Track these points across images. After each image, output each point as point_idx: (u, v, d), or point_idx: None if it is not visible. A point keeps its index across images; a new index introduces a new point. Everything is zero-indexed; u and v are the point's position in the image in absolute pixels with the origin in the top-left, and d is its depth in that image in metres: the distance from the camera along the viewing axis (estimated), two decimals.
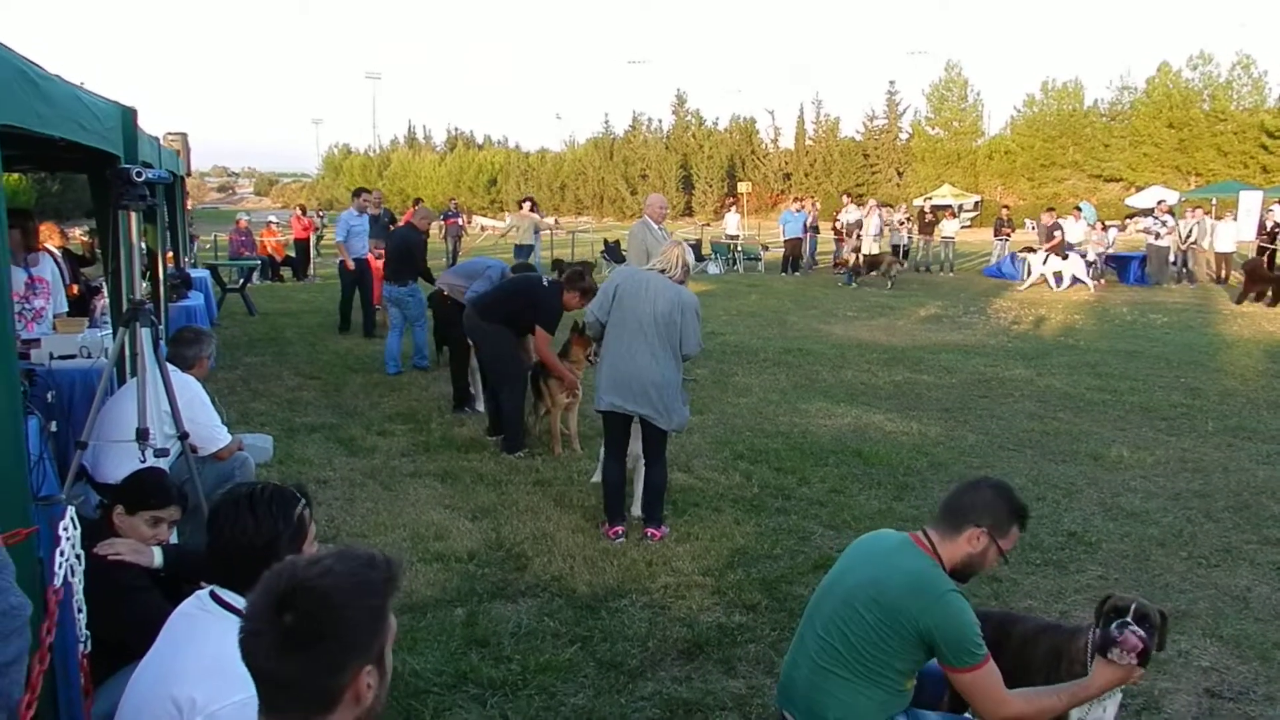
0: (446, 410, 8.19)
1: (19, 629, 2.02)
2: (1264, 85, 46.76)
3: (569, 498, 5.99)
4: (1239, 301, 17.00)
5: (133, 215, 3.66)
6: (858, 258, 21.09)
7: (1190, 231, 20.41)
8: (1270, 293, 16.95)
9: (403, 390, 9.08)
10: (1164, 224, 20.43)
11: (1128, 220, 37.57)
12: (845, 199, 25.39)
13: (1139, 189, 43.21)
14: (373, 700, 1.47)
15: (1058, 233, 20.84)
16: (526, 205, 18.98)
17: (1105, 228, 22.77)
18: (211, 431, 4.53)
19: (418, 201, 14.12)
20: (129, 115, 5.24)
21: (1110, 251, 21.57)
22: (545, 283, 7.04)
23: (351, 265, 12.26)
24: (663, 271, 5.25)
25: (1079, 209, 23.69)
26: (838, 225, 24.79)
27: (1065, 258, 19.99)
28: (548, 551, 5.07)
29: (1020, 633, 2.97)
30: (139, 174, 3.52)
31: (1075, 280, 19.49)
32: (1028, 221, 32.20)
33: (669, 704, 3.60)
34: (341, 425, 7.69)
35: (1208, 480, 6.45)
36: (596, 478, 5.98)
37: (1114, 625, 2.59)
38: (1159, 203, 23.04)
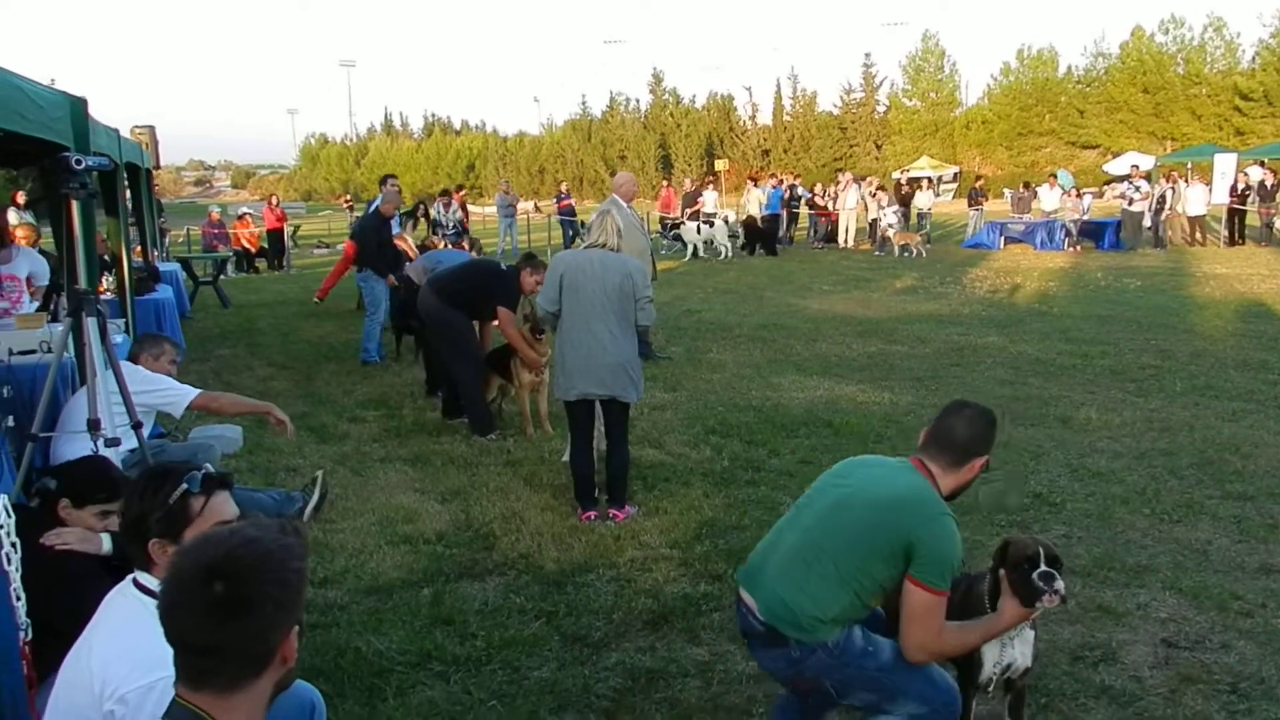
0: (419, 395, 8.17)
1: None
2: (1236, 48, 47.07)
3: (539, 477, 5.99)
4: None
5: (73, 203, 3.61)
6: None
7: (1164, 196, 20.51)
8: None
9: (375, 377, 9.04)
10: (1137, 189, 20.54)
11: (1105, 186, 37.76)
12: (562, 188, 25.86)
13: (1115, 155, 43.42)
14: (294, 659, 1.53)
15: (700, 199, 21.63)
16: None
17: (1080, 194, 22.83)
18: (174, 395, 4.55)
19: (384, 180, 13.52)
20: (79, 105, 5.15)
21: (1086, 218, 21.66)
22: (504, 267, 7.04)
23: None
24: (603, 246, 5.20)
25: (1055, 176, 23.82)
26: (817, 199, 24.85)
27: (712, 225, 20.90)
28: (516, 530, 5.08)
29: None
30: (79, 161, 3.48)
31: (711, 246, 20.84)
32: (1006, 191, 32.33)
33: (632, 673, 3.63)
34: (313, 413, 7.66)
35: (1174, 439, 6.51)
36: (567, 456, 5.97)
37: (1036, 575, 2.64)
38: (1133, 168, 23.14)
